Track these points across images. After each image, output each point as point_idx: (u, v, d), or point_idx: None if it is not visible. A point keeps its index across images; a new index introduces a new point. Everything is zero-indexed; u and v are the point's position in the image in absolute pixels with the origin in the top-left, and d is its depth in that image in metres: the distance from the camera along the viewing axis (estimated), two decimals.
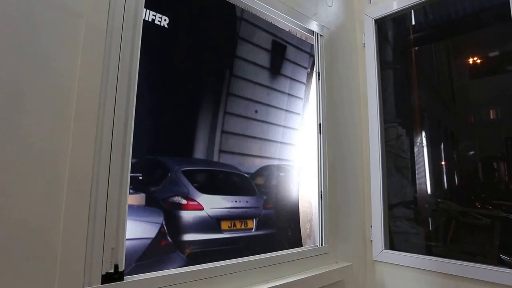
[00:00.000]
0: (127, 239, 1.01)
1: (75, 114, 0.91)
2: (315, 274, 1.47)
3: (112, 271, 0.96)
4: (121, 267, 0.97)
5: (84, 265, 0.90)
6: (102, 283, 0.93)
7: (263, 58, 1.54)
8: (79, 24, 0.94)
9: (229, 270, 1.23)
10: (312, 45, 1.78)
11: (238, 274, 1.25)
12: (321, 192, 1.65)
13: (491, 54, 1.87)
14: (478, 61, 1.88)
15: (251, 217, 1.39)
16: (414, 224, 1.92)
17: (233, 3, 1.41)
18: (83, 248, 0.90)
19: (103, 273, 0.94)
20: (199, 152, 1.25)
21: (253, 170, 1.43)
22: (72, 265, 0.88)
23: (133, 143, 1.05)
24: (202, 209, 1.22)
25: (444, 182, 1.84)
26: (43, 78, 0.88)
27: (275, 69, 1.58)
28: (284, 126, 1.57)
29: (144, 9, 1.12)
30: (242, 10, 1.46)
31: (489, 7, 1.90)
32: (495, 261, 1.55)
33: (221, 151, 1.32)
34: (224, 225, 1.29)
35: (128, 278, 0.99)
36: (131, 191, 1.05)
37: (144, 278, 1.02)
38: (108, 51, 0.99)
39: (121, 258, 0.98)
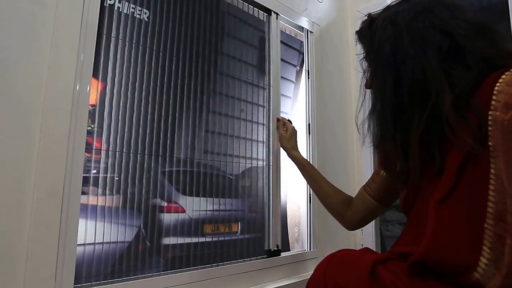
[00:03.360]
0: (101, 243, 1.02)
1: (44, 111, 0.92)
2: (303, 279, 1.48)
3: (276, 248, 1.49)
4: (280, 247, 1.51)
5: (56, 269, 0.90)
6: (268, 257, 1.47)
7: (250, 55, 1.55)
8: (50, 15, 0.95)
9: (212, 275, 1.24)
10: (301, 42, 1.80)
11: (221, 279, 1.26)
12: (310, 194, 1.66)
13: None
14: None
15: (235, 221, 1.40)
16: None
17: None
18: (55, 253, 0.91)
19: (271, 249, 1.48)
20: (182, 152, 1.26)
21: (238, 172, 1.44)
22: (41, 271, 0.88)
23: (111, 142, 1.06)
24: (184, 211, 1.23)
25: None
26: (9, 74, 0.88)
27: (262, 66, 1.60)
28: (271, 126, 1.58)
29: (124, 2, 1.13)
30: (228, 4, 1.47)
31: (487, 6, 1.93)
32: None
33: (204, 152, 1.33)
34: (207, 228, 1.30)
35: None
36: (108, 192, 1.06)
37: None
38: (83, 46, 1.00)
39: (279, 241, 1.51)
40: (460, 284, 0.68)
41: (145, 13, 1.19)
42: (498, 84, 0.66)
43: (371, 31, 0.87)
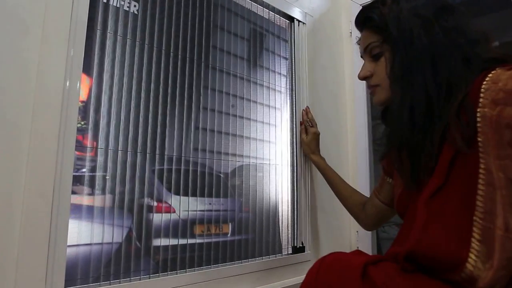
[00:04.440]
0: (85, 244, 1.07)
1: (34, 108, 0.95)
2: (296, 283, 1.53)
3: (301, 245, 1.68)
4: (305, 244, 1.69)
5: (46, 271, 0.94)
6: (293, 253, 1.65)
7: (241, 48, 1.59)
8: (40, 9, 0.98)
9: (201, 278, 1.28)
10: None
11: (211, 283, 1.31)
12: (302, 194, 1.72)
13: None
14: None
15: (227, 221, 1.44)
16: None
17: None
18: (45, 255, 0.94)
19: (297, 246, 1.66)
20: (171, 150, 1.29)
21: (229, 170, 1.48)
22: (32, 273, 0.92)
23: (100, 139, 1.10)
24: (174, 211, 1.27)
25: None
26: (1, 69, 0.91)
27: (253, 59, 1.64)
28: (262, 122, 1.63)
29: None
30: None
31: None
32: None
33: (194, 149, 1.37)
34: (198, 229, 1.34)
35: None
36: (97, 192, 1.10)
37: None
38: (73, 41, 1.03)
39: (305, 238, 1.69)
40: (454, 280, 0.74)
41: (134, 6, 1.22)
42: (485, 83, 0.74)
43: (396, 19, 0.89)
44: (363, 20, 1.00)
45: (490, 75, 0.74)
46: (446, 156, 0.78)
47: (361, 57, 1.06)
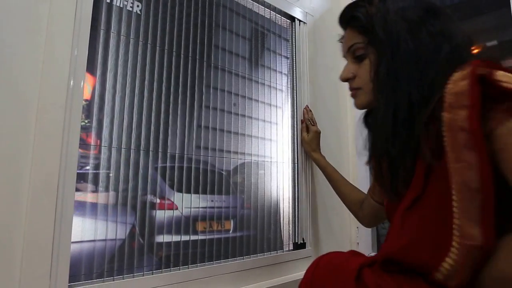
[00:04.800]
0: (89, 241, 1.08)
1: (39, 107, 0.96)
2: (297, 279, 1.53)
3: (302, 242, 1.68)
4: (305, 240, 1.69)
5: (51, 267, 0.95)
6: (294, 249, 1.67)
7: (242, 47, 1.60)
8: (44, 9, 0.99)
9: (203, 274, 1.29)
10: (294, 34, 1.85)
11: (213, 278, 1.32)
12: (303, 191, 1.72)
13: (489, 44, 1.94)
14: (475, 51, 1.97)
15: (228, 218, 1.45)
16: None
17: None
18: (49, 251, 0.95)
19: (298, 242, 1.67)
20: (174, 148, 1.30)
21: (231, 167, 1.49)
22: (36, 269, 0.93)
23: (103, 137, 1.11)
24: (176, 208, 1.28)
25: None
26: (4, 70, 0.92)
27: (255, 58, 1.65)
28: (264, 120, 1.64)
29: None
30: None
31: None
32: None
33: (197, 147, 1.37)
34: (200, 226, 1.35)
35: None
36: (100, 189, 1.10)
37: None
38: (77, 40, 1.04)
39: (306, 235, 1.69)
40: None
41: (138, 6, 1.23)
42: (446, 86, 0.72)
43: (383, 21, 0.84)
44: (348, 19, 0.95)
45: (452, 77, 0.72)
46: (420, 168, 0.77)
47: (344, 56, 1.00)
